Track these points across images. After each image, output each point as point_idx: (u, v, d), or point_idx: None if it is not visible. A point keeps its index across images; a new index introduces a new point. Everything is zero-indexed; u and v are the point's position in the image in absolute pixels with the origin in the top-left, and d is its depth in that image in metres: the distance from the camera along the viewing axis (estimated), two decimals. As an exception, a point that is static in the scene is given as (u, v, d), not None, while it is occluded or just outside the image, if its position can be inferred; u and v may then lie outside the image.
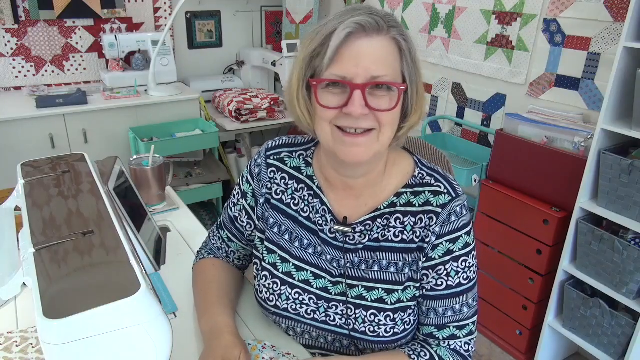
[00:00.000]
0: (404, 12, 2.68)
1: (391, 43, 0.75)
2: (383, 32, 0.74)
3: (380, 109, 0.75)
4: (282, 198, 0.91)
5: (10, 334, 0.93)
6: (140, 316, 0.58)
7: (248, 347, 0.92)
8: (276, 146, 0.94)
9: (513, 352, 2.09)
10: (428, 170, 0.87)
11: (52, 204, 0.78)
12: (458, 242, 0.83)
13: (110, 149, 2.53)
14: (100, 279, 0.63)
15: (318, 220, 0.88)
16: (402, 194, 0.85)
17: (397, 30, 0.76)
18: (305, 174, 0.91)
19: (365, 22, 0.73)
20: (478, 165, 2.10)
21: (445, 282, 0.84)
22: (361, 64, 0.72)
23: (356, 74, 0.73)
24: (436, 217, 0.82)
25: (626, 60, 1.51)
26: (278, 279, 0.90)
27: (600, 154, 1.61)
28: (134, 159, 1.43)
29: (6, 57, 2.61)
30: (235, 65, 3.29)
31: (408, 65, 0.77)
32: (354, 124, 0.75)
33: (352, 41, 0.73)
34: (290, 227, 0.90)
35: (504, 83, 2.22)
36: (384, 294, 0.85)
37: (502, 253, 2.03)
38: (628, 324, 1.62)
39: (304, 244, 0.89)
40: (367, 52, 0.73)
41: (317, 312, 0.88)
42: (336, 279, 0.87)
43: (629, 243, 1.57)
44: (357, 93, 0.73)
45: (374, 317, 0.85)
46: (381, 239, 0.85)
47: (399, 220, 0.84)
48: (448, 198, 0.83)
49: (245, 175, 0.96)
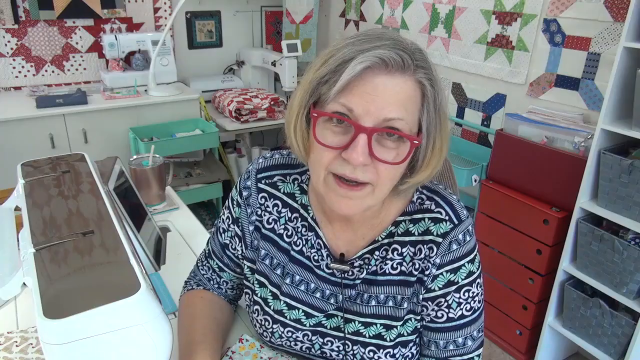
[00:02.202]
0: (404, 12, 2.68)
1: (415, 86, 0.65)
2: (408, 73, 0.64)
3: (385, 160, 0.65)
4: (275, 227, 0.83)
5: (10, 334, 0.93)
6: (140, 316, 0.58)
7: (246, 343, 0.92)
8: (268, 167, 0.84)
9: (513, 352, 2.09)
10: (428, 193, 0.79)
11: (52, 204, 0.78)
12: (460, 272, 0.76)
13: (110, 149, 2.53)
14: (100, 279, 0.63)
15: (313, 255, 0.81)
16: (400, 223, 0.78)
17: (424, 72, 0.65)
18: (299, 202, 0.82)
19: (390, 58, 0.62)
20: (478, 165, 2.10)
21: (446, 314, 0.77)
22: (375, 102, 0.62)
23: (366, 113, 0.63)
24: (436, 247, 0.75)
25: (626, 60, 1.51)
26: (269, 317, 0.84)
27: (600, 154, 1.61)
28: (134, 159, 1.43)
29: (6, 57, 2.61)
30: (235, 65, 3.29)
31: (429, 114, 0.67)
32: (351, 174, 0.65)
33: (369, 75, 0.63)
34: (282, 261, 0.83)
35: (504, 83, 2.22)
36: (382, 329, 0.79)
37: (502, 253, 2.03)
38: (628, 324, 1.62)
39: (295, 280, 0.82)
40: (384, 91, 0.62)
41: (313, 349, 0.85)
42: (330, 312, 0.81)
43: (629, 243, 1.57)
44: (362, 137, 0.62)
45: (373, 354, 0.79)
46: (379, 272, 0.78)
47: (397, 252, 0.77)
48: (449, 226, 0.75)
49: (235, 198, 0.87)
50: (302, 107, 0.70)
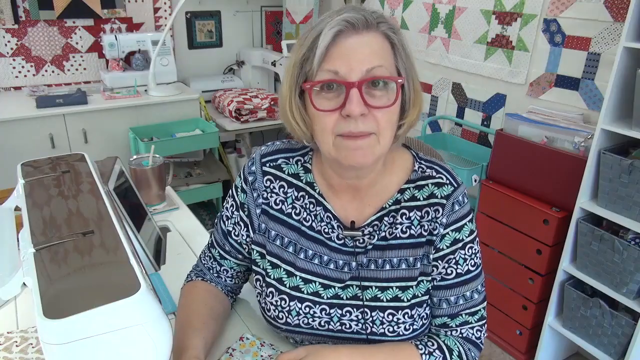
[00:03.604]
0: (404, 12, 2.68)
1: (382, 38, 0.74)
2: (372, 28, 0.73)
3: (379, 106, 0.72)
4: (282, 208, 0.87)
5: (10, 334, 0.93)
6: (140, 316, 0.58)
7: (247, 341, 0.92)
8: (271, 152, 0.89)
9: (513, 352, 2.09)
10: (427, 163, 0.87)
11: (52, 204, 0.78)
12: (464, 230, 0.83)
13: (110, 149, 2.53)
14: (100, 279, 0.63)
15: (324, 228, 0.85)
16: (405, 190, 0.84)
17: (386, 25, 0.74)
18: (304, 180, 0.87)
19: (353, 19, 0.71)
20: (478, 165, 2.10)
21: (455, 270, 0.84)
22: (354, 59, 0.70)
23: (350, 70, 0.70)
24: (442, 208, 0.82)
25: (626, 60, 1.51)
26: (286, 295, 0.86)
27: (600, 154, 1.61)
28: (134, 159, 1.43)
29: (6, 57, 2.61)
30: (235, 65, 3.29)
31: (402, 59, 0.76)
32: (355, 129, 0.72)
33: (342, 39, 0.71)
34: (293, 239, 0.87)
35: (504, 83, 2.22)
36: (398, 291, 0.83)
37: (502, 253, 2.03)
38: (628, 324, 1.62)
39: (308, 255, 0.86)
40: (359, 47, 0.71)
41: (331, 322, 0.86)
42: (346, 282, 0.85)
43: (629, 243, 1.57)
44: (354, 91, 0.70)
45: (392, 317, 0.83)
46: (389, 237, 0.84)
47: (405, 216, 0.83)
48: (451, 188, 0.83)
49: (239, 185, 0.90)
50: (292, 89, 0.77)
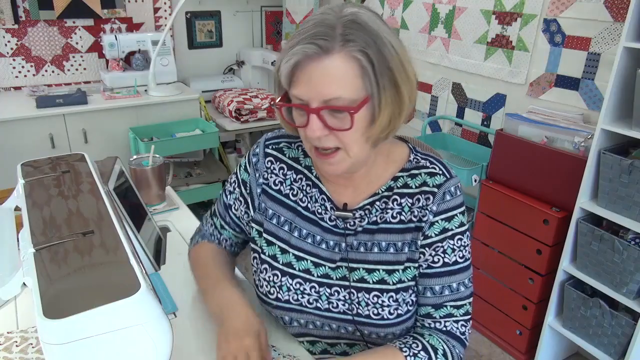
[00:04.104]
0: (404, 12, 2.68)
1: (346, 61, 0.72)
2: (335, 52, 0.71)
3: (338, 128, 0.75)
4: (281, 189, 0.92)
5: (10, 334, 0.93)
6: (140, 316, 0.58)
7: None
8: (275, 137, 0.95)
9: (513, 352, 2.09)
10: (422, 155, 0.90)
11: (52, 204, 0.78)
12: (454, 221, 0.85)
13: (110, 149, 2.53)
14: (100, 279, 0.63)
15: (317, 209, 0.90)
16: (399, 178, 0.87)
17: (354, 45, 0.71)
18: (303, 164, 0.92)
19: (309, 50, 0.71)
20: (478, 165, 2.09)
21: (442, 259, 0.85)
22: (313, 89, 0.73)
23: (310, 98, 0.74)
24: (433, 196, 0.85)
25: (626, 60, 1.51)
26: (278, 271, 0.90)
27: (600, 154, 1.61)
28: (134, 159, 1.43)
29: (6, 57, 2.61)
30: (235, 65, 3.29)
31: (370, 78, 0.73)
32: (319, 144, 0.77)
33: (302, 66, 0.73)
34: (289, 218, 0.91)
35: (504, 83, 2.22)
36: (385, 274, 0.86)
37: (502, 253, 2.03)
38: (628, 324, 1.62)
39: (302, 234, 0.90)
40: (318, 76, 0.72)
41: (320, 301, 0.89)
42: (337, 263, 0.88)
43: (629, 243, 1.57)
44: (313, 117, 0.74)
45: (377, 299, 0.86)
46: (380, 222, 0.87)
47: (397, 202, 0.86)
48: (443, 179, 0.86)
49: (243, 164, 0.97)
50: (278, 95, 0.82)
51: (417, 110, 2.75)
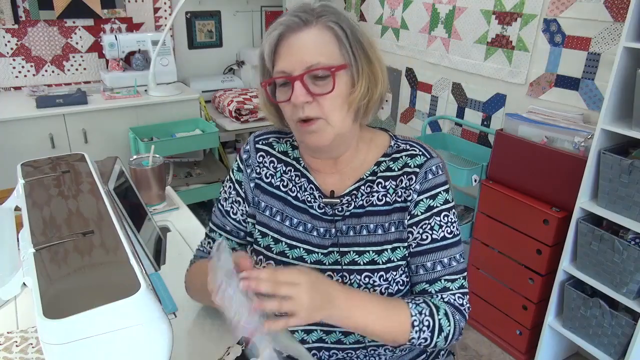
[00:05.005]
0: (404, 12, 2.68)
1: (324, 31, 0.81)
2: (312, 24, 0.81)
3: (320, 93, 0.81)
4: (272, 181, 0.96)
5: (10, 334, 0.93)
6: (140, 316, 0.58)
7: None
8: (264, 133, 1.00)
9: (513, 352, 2.09)
10: (402, 140, 0.95)
11: (52, 204, 0.78)
12: (438, 198, 0.89)
13: (110, 149, 2.53)
14: (100, 279, 0.63)
15: (307, 198, 0.93)
16: (381, 162, 0.92)
17: (328, 18, 0.81)
18: (292, 156, 0.96)
19: (289, 21, 0.81)
20: (478, 165, 2.09)
21: (430, 235, 0.88)
22: (295, 58, 0.80)
23: (293, 67, 0.80)
24: (415, 176, 0.89)
25: (626, 60, 1.51)
26: (272, 260, 0.92)
27: (600, 154, 1.61)
28: (134, 159, 1.43)
29: (6, 57, 2.61)
30: (235, 65, 3.29)
31: (347, 46, 0.82)
32: (303, 115, 0.82)
33: (285, 40, 0.81)
34: (280, 208, 0.94)
35: (504, 83, 2.22)
36: (374, 255, 0.89)
37: (502, 253, 2.03)
38: (628, 324, 1.62)
39: (294, 223, 0.93)
40: (299, 45, 0.81)
41: None
42: (328, 249, 0.90)
43: (629, 243, 1.57)
44: (297, 84, 0.80)
45: (369, 279, 0.88)
46: (366, 205, 0.90)
47: (381, 185, 0.90)
48: (424, 159, 0.90)
49: (235, 166, 1.00)
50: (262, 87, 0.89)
51: (417, 110, 2.75)
